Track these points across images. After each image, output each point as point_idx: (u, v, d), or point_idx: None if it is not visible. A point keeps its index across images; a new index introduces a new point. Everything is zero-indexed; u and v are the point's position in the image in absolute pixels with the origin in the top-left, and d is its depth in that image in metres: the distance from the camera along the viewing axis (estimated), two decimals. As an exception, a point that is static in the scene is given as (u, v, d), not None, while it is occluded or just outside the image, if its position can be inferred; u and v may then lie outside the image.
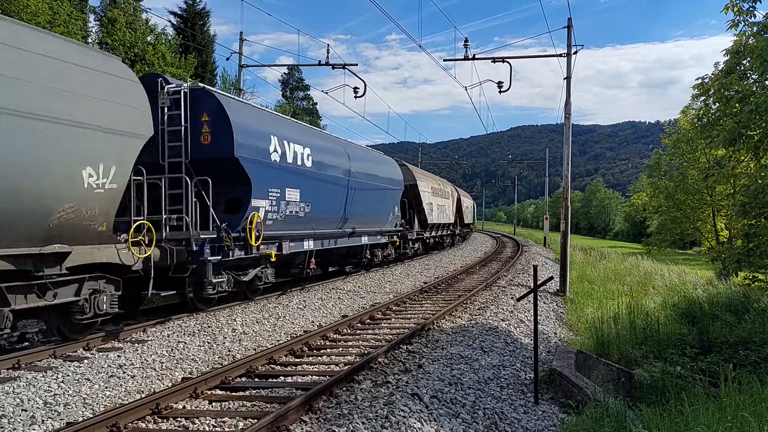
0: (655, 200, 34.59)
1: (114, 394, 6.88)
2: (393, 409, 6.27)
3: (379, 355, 8.56)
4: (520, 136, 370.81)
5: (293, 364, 8.51)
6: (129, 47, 24.90)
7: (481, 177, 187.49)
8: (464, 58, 20.17)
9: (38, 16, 19.03)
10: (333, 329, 10.61)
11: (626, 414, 6.39)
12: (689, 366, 9.65)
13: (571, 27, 18.93)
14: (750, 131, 11.05)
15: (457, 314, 12.69)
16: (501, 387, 7.99)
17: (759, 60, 10.46)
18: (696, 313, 13.37)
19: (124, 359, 8.33)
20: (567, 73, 19.01)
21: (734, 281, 17.95)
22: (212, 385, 7.19)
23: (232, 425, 5.96)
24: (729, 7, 11.03)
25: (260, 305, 13.09)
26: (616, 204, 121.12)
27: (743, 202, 12.15)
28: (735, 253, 12.75)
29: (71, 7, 21.92)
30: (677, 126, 32.98)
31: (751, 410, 5.70)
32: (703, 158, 28.48)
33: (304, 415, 6.15)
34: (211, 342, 9.53)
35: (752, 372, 8.32)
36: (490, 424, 6.63)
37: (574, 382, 7.97)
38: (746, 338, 10.64)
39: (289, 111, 42.65)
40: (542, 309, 14.47)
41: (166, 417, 6.17)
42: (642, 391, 8.86)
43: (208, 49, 32.95)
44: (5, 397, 6.59)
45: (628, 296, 16.17)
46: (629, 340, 11.38)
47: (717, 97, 12.77)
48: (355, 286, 17.05)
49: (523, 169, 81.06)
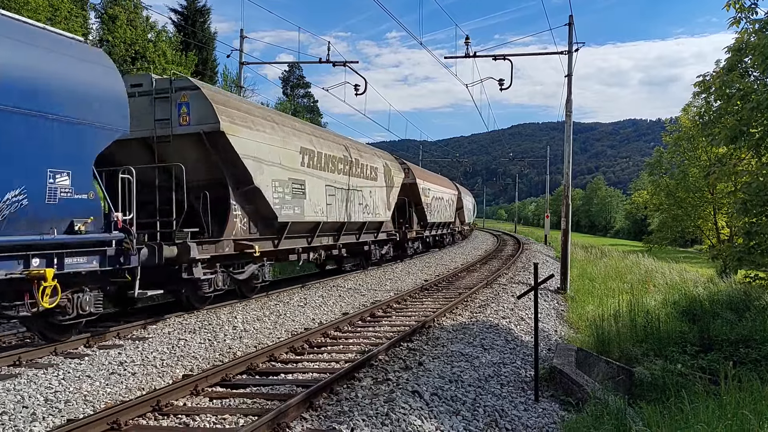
0: (656, 198, 34.52)
1: (115, 391, 6.89)
2: (393, 406, 6.28)
3: (379, 353, 8.57)
4: (521, 134, 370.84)
5: (294, 361, 8.51)
6: (130, 44, 24.88)
7: (482, 175, 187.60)
8: (465, 55, 20.16)
9: (39, 13, 19.02)
10: (334, 326, 10.61)
11: (626, 412, 6.39)
12: (690, 364, 9.63)
13: (572, 24, 18.89)
14: (751, 129, 11.02)
15: (457, 312, 12.70)
16: (501, 384, 7.99)
17: (761, 57, 10.43)
18: (696, 311, 13.34)
19: (125, 356, 8.34)
20: (568, 70, 18.98)
21: (735, 279, 17.95)
22: (213, 382, 7.20)
23: (232, 422, 5.97)
24: (731, 4, 10.99)
25: (261, 302, 13.10)
26: (617, 202, 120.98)
27: (744, 200, 12.12)
28: (736, 251, 12.73)
29: (71, 4, 21.91)
30: (678, 124, 32.92)
31: (751, 408, 5.69)
32: (705, 156, 28.42)
33: (305, 412, 6.16)
34: (211, 339, 9.54)
35: (753, 370, 8.31)
36: (491, 422, 6.63)
37: (575, 379, 7.97)
38: (747, 336, 10.62)
39: (290, 108, 42.64)
40: (543, 307, 14.48)
41: (167, 414, 6.17)
42: (642, 388, 8.84)
43: (209, 46, 32.93)
44: (6, 394, 6.60)
45: (629, 294, 16.14)
46: (630, 337, 11.37)
47: (718, 94, 12.72)
48: (355, 283, 17.05)
49: (524, 166, 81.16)
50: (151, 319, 10.84)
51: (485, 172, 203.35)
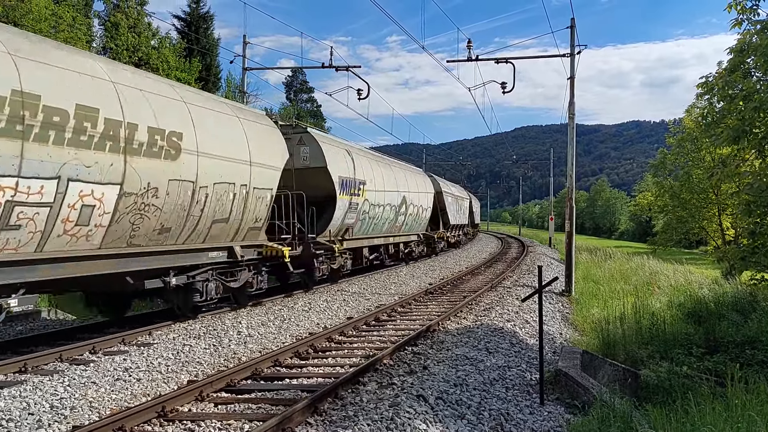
0: (660, 200, 34.46)
1: (120, 398, 6.90)
2: (398, 410, 6.27)
3: (384, 357, 8.56)
4: (524, 137, 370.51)
5: (298, 366, 8.51)
6: (133, 51, 25.00)
7: (485, 178, 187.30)
8: (468, 59, 20.17)
9: (41, 22, 19.12)
10: (338, 331, 10.61)
11: (633, 414, 6.36)
12: (696, 366, 9.59)
13: (574, 27, 18.91)
14: (754, 129, 11.00)
15: (462, 315, 12.68)
16: (506, 388, 7.97)
17: (763, 58, 10.41)
18: (702, 313, 13.28)
19: (130, 362, 8.35)
20: (571, 73, 18.98)
21: (740, 280, 17.86)
22: (218, 387, 7.20)
23: (237, 428, 5.97)
24: (732, 6, 10.98)
25: (265, 308, 13.11)
26: (622, 204, 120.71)
27: (748, 201, 12.08)
28: (740, 251, 12.68)
29: (75, 12, 22.01)
30: (682, 125, 32.87)
31: (758, 410, 5.67)
32: (708, 157, 28.36)
33: (310, 417, 6.16)
34: (216, 345, 9.55)
35: (759, 372, 8.28)
36: (496, 425, 6.61)
37: (580, 382, 7.95)
38: (753, 337, 10.57)
39: (293, 113, 42.70)
40: (547, 309, 14.43)
41: (172, 420, 6.18)
42: (648, 391, 8.81)
43: (212, 52, 33.06)
44: (12, 401, 6.62)
45: (634, 296, 16.10)
46: (635, 340, 11.32)
47: (721, 95, 12.70)
48: (360, 288, 17.05)
49: (528, 169, 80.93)
50: (165, 323, 10.89)
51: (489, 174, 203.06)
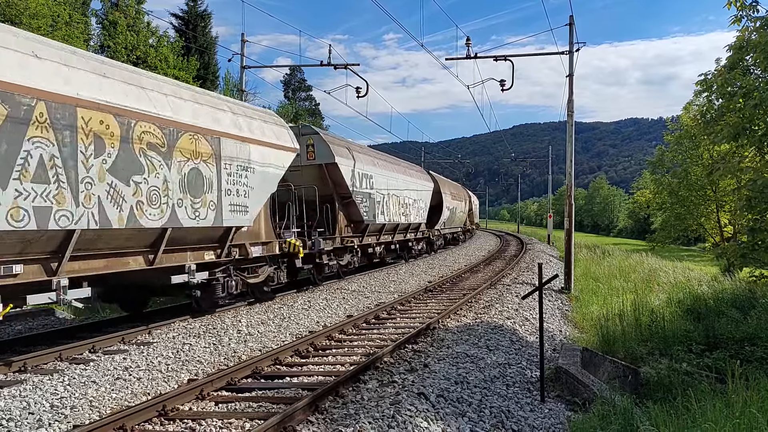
0: (658, 197, 34.44)
1: (120, 397, 6.89)
2: (399, 408, 6.26)
3: (384, 355, 8.56)
4: (523, 134, 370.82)
5: (299, 364, 8.51)
6: (131, 50, 24.95)
7: (484, 175, 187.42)
8: (466, 56, 20.13)
9: (38, 19, 19.06)
10: (338, 329, 10.61)
11: (633, 411, 6.37)
12: (695, 362, 9.60)
13: (572, 24, 18.87)
14: (754, 126, 11.00)
15: (462, 313, 12.68)
16: (507, 385, 7.97)
17: (763, 55, 10.41)
18: (701, 310, 13.30)
19: (130, 361, 8.34)
20: (569, 70, 18.95)
21: (739, 277, 17.88)
22: (218, 386, 7.20)
23: (238, 426, 5.96)
24: (732, 3, 10.97)
25: (265, 306, 13.10)
26: (620, 201, 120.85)
27: (749, 197, 12.08)
28: (740, 248, 12.68)
29: (72, 10, 21.95)
30: (680, 123, 32.85)
31: (758, 406, 5.67)
32: (707, 154, 28.35)
33: (311, 415, 6.15)
34: (216, 343, 9.54)
35: (759, 368, 8.28)
36: (497, 423, 6.62)
37: (581, 379, 7.95)
38: (752, 334, 10.59)
39: (292, 112, 42.66)
40: (547, 307, 14.44)
41: (173, 419, 6.17)
42: (648, 388, 8.82)
43: (210, 50, 33.02)
44: (12, 401, 6.61)
45: (633, 293, 16.11)
46: (635, 337, 11.33)
47: (720, 93, 12.69)
48: (359, 286, 17.05)
49: (526, 167, 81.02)
50: (164, 322, 10.88)
51: (487, 172, 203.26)
